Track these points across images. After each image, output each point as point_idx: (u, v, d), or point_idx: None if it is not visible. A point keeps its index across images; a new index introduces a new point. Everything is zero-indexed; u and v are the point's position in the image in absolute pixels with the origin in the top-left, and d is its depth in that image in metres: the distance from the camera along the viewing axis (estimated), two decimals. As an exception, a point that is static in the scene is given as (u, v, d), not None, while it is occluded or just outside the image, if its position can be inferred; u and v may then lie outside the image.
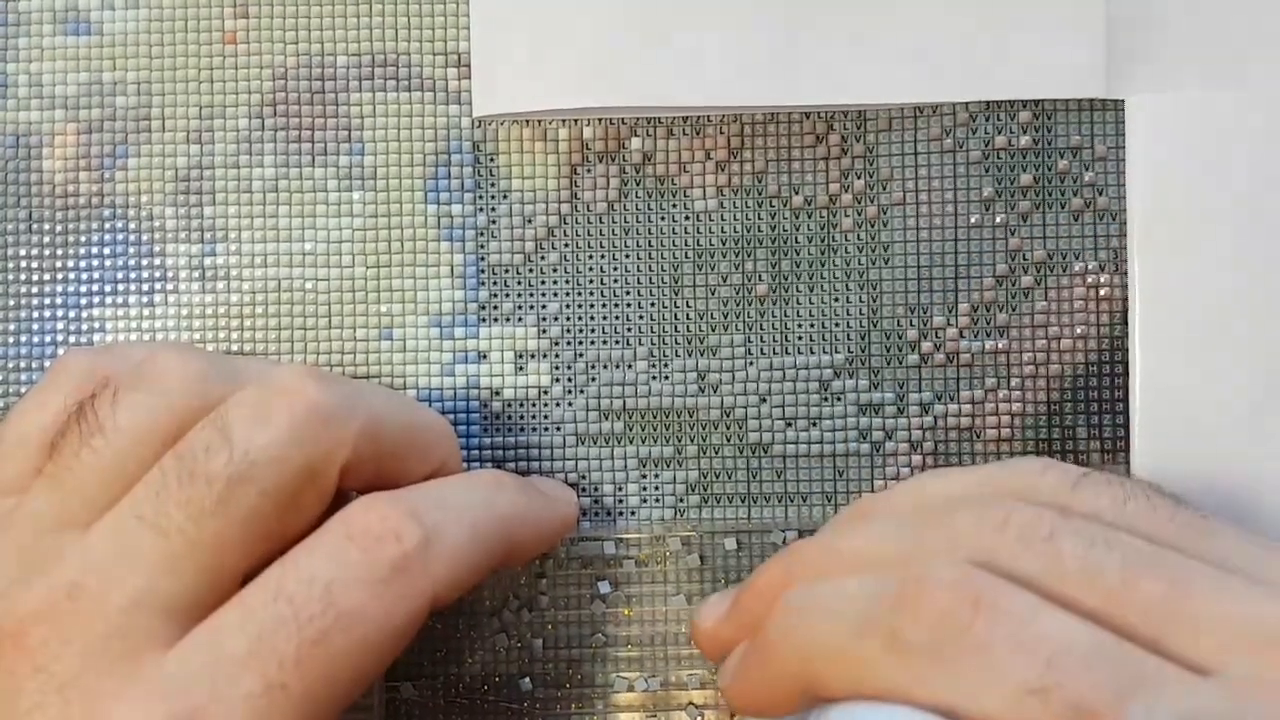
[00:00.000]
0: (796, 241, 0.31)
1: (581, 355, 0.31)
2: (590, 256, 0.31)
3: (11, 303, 0.31)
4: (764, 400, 0.31)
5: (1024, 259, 0.30)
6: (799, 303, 0.31)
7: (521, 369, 0.31)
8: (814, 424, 0.30)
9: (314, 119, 0.31)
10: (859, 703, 0.21)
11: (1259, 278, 0.29)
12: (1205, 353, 0.29)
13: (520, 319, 0.31)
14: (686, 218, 0.31)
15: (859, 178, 0.31)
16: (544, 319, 0.31)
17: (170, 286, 0.31)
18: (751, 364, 0.31)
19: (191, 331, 0.31)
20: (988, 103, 0.30)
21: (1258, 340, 0.29)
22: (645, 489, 0.31)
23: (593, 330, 0.31)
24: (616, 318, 0.31)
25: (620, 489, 0.31)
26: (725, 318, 0.31)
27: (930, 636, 0.20)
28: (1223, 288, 0.29)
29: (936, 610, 0.20)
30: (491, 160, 0.31)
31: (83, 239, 0.31)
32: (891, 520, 0.24)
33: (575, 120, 0.31)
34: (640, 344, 0.31)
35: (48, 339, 0.31)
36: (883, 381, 0.30)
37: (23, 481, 0.24)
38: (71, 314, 0.31)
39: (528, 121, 0.31)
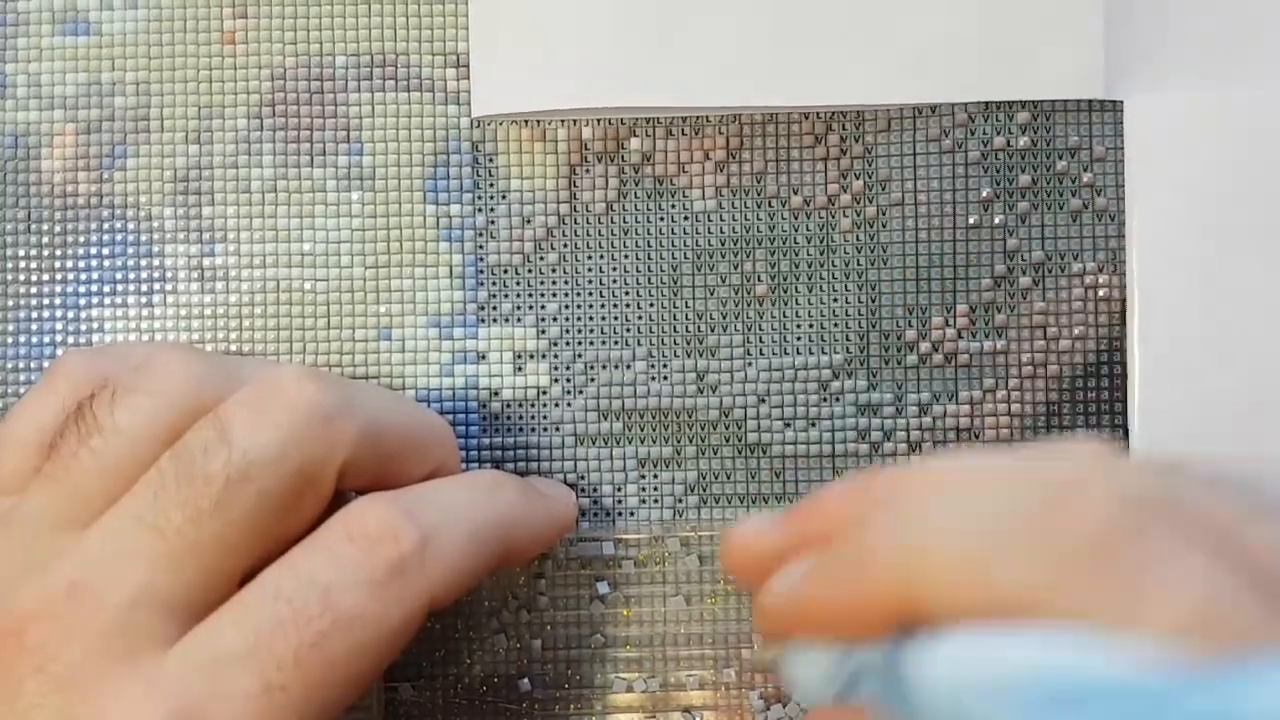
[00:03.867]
0: (795, 242, 0.31)
1: (580, 356, 0.31)
2: (589, 257, 0.31)
3: (10, 303, 0.31)
4: (763, 401, 0.31)
5: (1022, 259, 0.30)
6: (798, 303, 0.31)
7: (520, 369, 0.31)
8: (813, 424, 0.31)
9: (313, 119, 0.31)
10: (985, 628, 0.18)
11: (1258, 278, 0.29)
12: (1204, 353, 0.29)
13: (519, 319, 0.31)
14: (685, 218, 0.31)
15: (858, 178, 0.31)
16: (543, 319, 0.31)
17: (169, 287, 0.31)
18: (750, 364, 0.31)
19: (190, 332, 0.31)
20: (986, 103, 0.30)
21: (1257, 341, 0.29)
22: (644, 489, 0.31)
23: (592, 331, 0.31)
24: (615, 318, 0.31)
25: (619, 489, 0.31)
26: (724, 318, 0.31)
27: (1079, 553, 0.18)
28: (1221, 288, 0.29)
29: (1089, 527, 0.19)
30: (490, 160, 0.31)
31: (82, 239, 0.31)
32: (993, 453, 0.22)
33: (574, 120, 0.31)
34: (639, 344, 0.31)
35: (46, 339, 0.31)
36: (881, 382, 0.30)
37: (21, 481, 0.24)
38: (70, 314, 0.31)
39: (527, 122, 0.31)
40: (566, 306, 0.31)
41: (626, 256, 0.31)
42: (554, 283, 0.31)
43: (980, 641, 0.18)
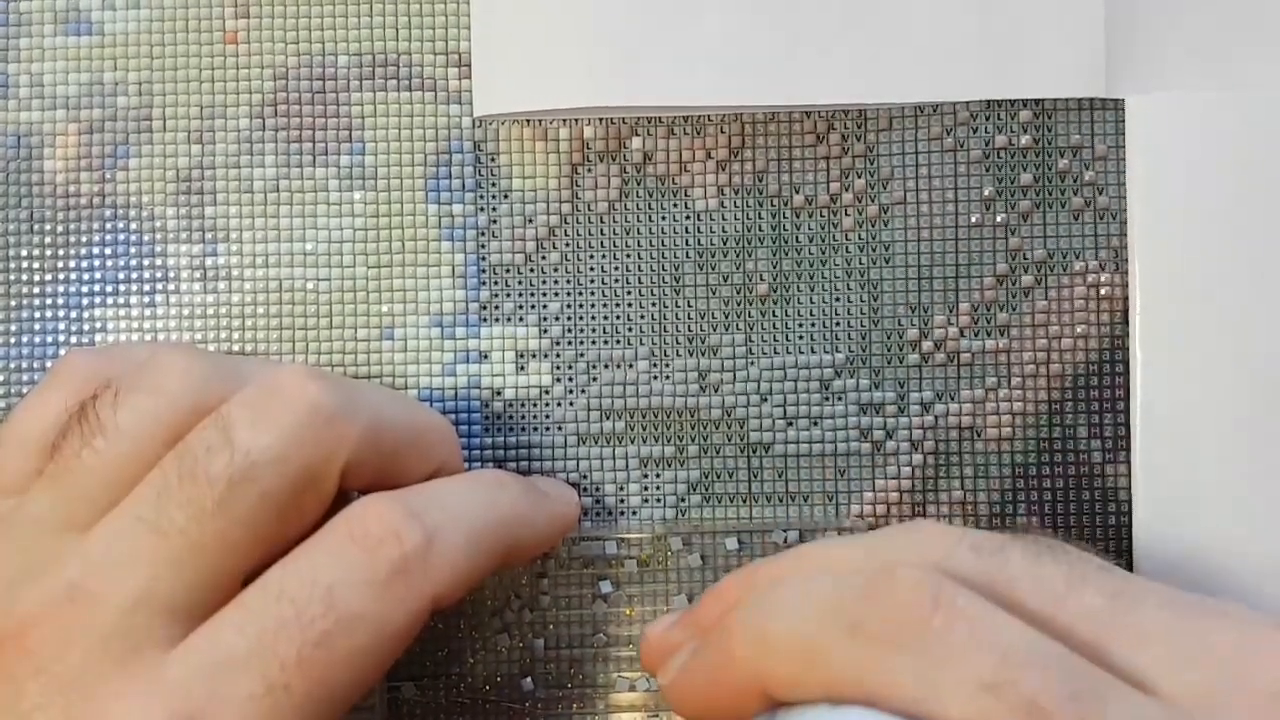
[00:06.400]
0: (797, 241, 0.31)
1: (582, 355, 0.31)
2: (591, 256, 0.31)
3: (13, 303, 0.31)
4: (765, 400, 0.31)
5: (1024, 258, 0.30)
6: (800, 302, 0.31)
7: (522, 369, 0.31)
8: (815, 423, 0.31)
9: (315, 119, 0.31)
10: (822, 706, 0.21)
11: (1259, 276, 0.29)
12: (1206, 351, 0.29)
13: (521, 319, 0.31)
14: (687, 217, 0.31)
15: (859, 177, 0.31)
16: (545, 319, 0.31)
17: (171, 287, 0.31)
18: (752, 363, 0.31)
19: (193, 332, 0.31)
20: (988, 102, 0.30)
21: (1258, 338, 0.29)
22: (646, 489, 0.31)
23: (594, 330, 0.31)
24: (617, 317, 0.31)
25: (621, 489, 0.31)
26: (726, 317, 0.31)
27: (891, 629, 0.21)
28: (1223, 286, 0.29)
29: (898, 604, 0.21)
30: (492, 160, 0.31)
31: (84, 239, 0.31)
32: (849, 538, 0.25)
33: (576, 120, 0.31)
34: (641, 344, 0.31)
35: (49, 339, 0.31)
36: (883, 381, 0.30)
37: (23, 482, 0.24)
38: (73, 314, 0.31)
39: (528, 121, 0.31)
40: (568, 306, 0.31)
41: (628, 256, 0.31)
42: (556, 282, 0.31)
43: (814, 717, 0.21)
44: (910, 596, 0.21)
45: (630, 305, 0.31)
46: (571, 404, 0.31)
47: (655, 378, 0.31)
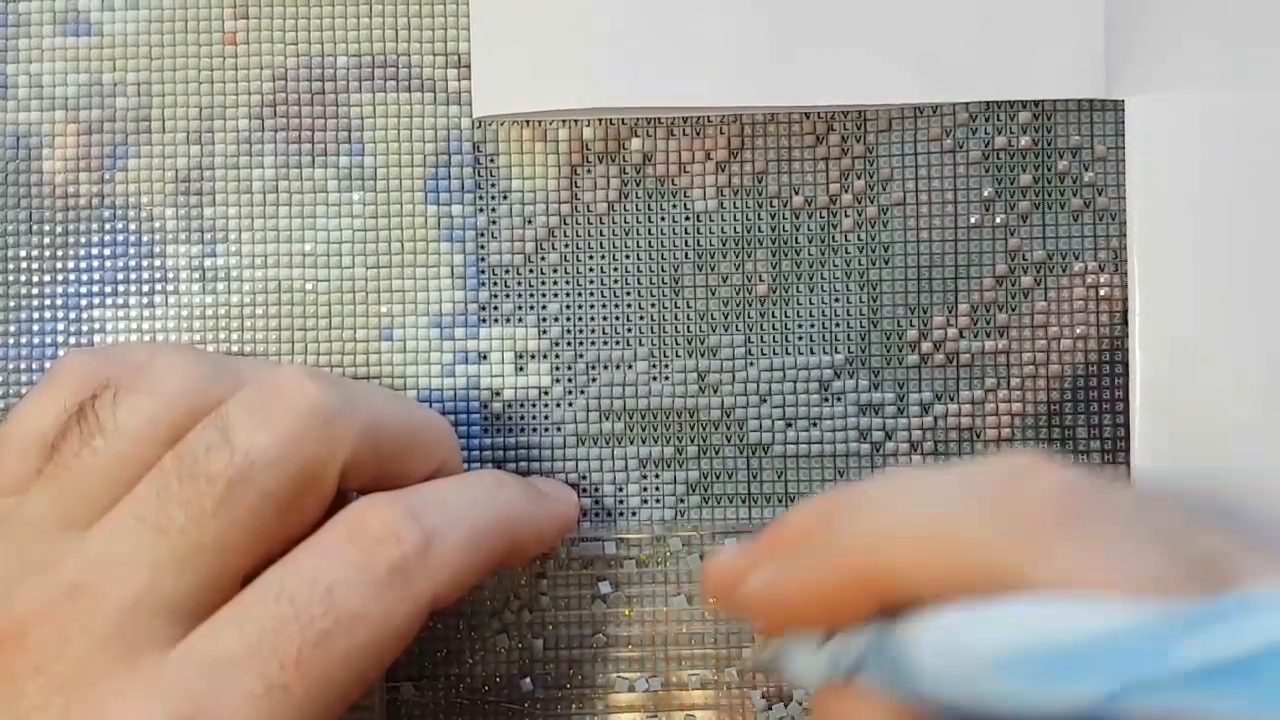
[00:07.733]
0: (796, 242, 0.31)
1: (582, 356, 0.31)
2: (590, 257, 0.31)
3: (12, 304, 0.31)
4: (764, 400, 0.31)
5: (1024, 259, 0.30)
6: (799, 303, 0.31)
7: (522, 369, 0.31)
8: (814, 424, 0.30)
9: (314, 120, 0.31)
10: (962, 605, 0.19)
11: (1259, 277, 0.29)
12: (1205, 352, 0.29)
13: (520, 319, 0.31)
14: (687, 218, 0.31)
15: (859, 178, 0.31)
16: (544, 319, 0.31)
17: (170, 287, 0.31)
18: (752, 364, 0.31)
19: (192, 332, 0.31)
20: (987, 103, 0.30)
21: (1258, 339, 0.29)
22: (646, 489, 0.31)
23: (593, 331, 0.31)
24: (617, 318, 0.31)
25: (621, 489, 0.31)
26: (725, 318, 0.31)
27: (1051, 513, 0.20)
28: (1222, 287, 0.29)
29: (1056, 492, 0.20)
30: (492, 161, 0.31)
31: (83, 240, 0.31)
32: (942, 467, 0.24)
33: (575, 120, 0.31)
34: (640, 344, 0.31)
35: (48, 340, 0.31)
36: (883, 382, 0.30)
37: (23, 482, 0.24)
38: (72, 315, 0.31)
39: (528, 122, 0.31)
40: (568, 306, 0.31)
41: (628, 256, 0.31)
42: (555, 283, 0.31)
43: (974, 615, 0.19)
44: (1060, 492, 0.20)
45: (630, 306, 0.31)
46: (571, 405, 0.31)
47: (654, 378, 0.31)
